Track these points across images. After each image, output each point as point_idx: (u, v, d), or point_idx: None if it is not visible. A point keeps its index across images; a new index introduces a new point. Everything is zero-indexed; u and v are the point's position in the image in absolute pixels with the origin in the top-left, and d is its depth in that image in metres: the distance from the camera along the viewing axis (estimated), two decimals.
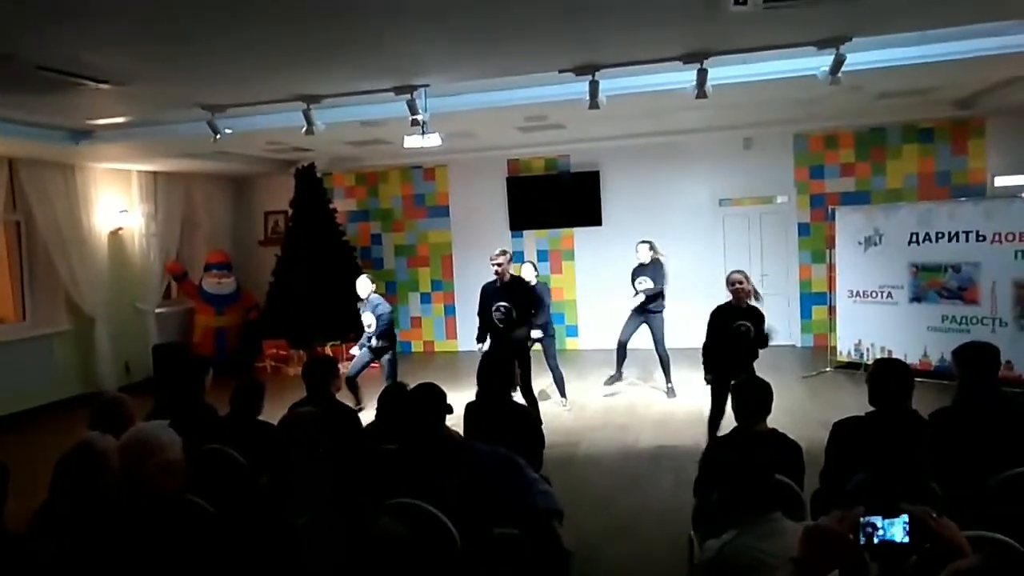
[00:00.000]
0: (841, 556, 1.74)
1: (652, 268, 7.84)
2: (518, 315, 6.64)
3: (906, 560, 1.84)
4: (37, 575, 2.38)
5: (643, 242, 7.98)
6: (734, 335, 5.63)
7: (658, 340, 7.76)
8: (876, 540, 1.74)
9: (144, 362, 9.86)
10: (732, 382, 5.29)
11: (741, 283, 5.71)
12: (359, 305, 7.60)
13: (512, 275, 6.85)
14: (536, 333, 7.14)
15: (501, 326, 6.67)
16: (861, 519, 1.75)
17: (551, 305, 7.86)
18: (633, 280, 7.89)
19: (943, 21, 4.90)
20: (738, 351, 5.62)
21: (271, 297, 10.53)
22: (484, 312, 6.81)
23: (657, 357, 7.87)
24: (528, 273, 7.78)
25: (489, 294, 6.80)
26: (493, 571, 3.15)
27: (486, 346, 6.81)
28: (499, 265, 6.69)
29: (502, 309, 6.65)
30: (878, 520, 1.74)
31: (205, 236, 11.32)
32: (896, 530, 1.75)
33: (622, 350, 7.97)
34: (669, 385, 7.92)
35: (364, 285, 7.56)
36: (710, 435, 5.58)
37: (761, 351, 5.72)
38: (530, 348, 7.02)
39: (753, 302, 5.76)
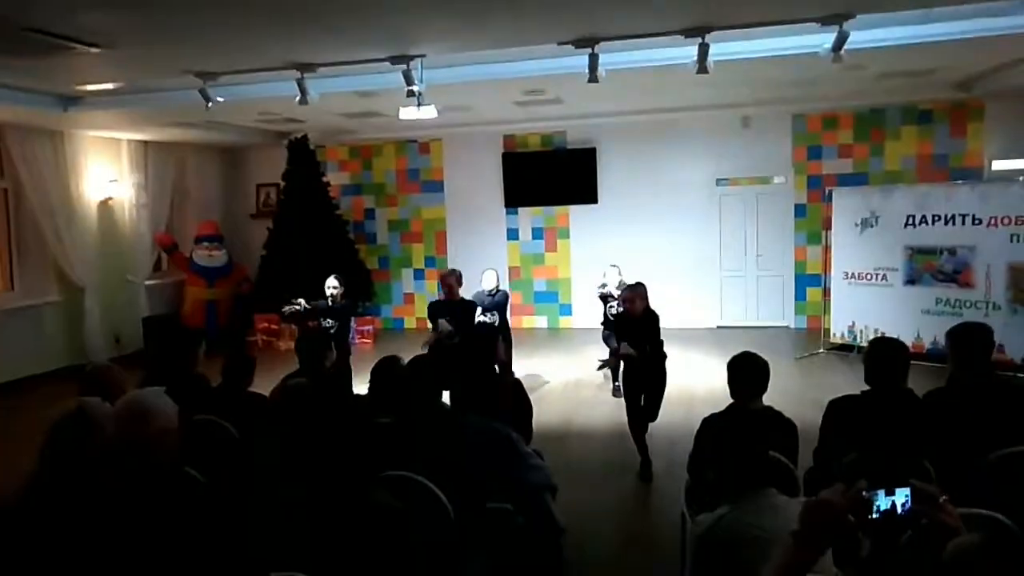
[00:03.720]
0: (841, 530, 1.74)
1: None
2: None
3: (901, 535, 1.83)
4: (28, 546, 2.35)
5: (613, 266, 7.56)
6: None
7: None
8: (876, 513, 1.73)
9: (134, 334, 9.79)
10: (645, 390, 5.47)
11: (630, 301, 5.54)
12: (326, 302, 6.81)
13: (461, 297, 6.80)
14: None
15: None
16: (863, 493, 1.74)
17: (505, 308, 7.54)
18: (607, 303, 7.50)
19: None
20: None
21: (263, 270, 10.46)
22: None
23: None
24: (490, 280, 7.35)
25: (438, 311, 6.75)
26: (486, 545, 3.14)
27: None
28: (450, 287, 6.69)
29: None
30: (879, 494, 1.73)
31: (196, 208, 11.20)
32: (896, 504, 1.74)
33: None
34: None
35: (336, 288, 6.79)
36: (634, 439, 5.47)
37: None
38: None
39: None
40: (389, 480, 2.98)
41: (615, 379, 7.52)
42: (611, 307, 7.40)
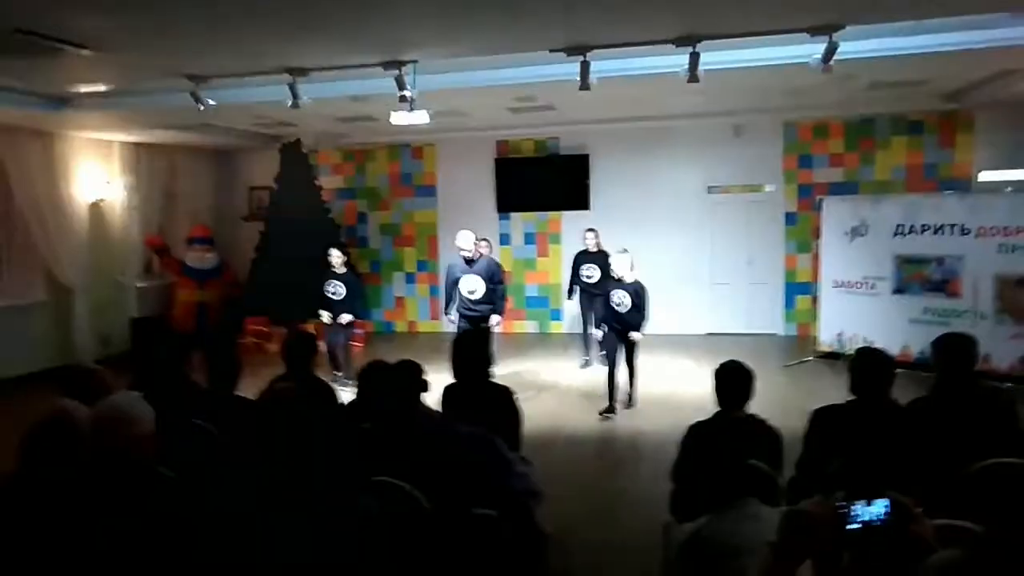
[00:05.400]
0: (819, 541, 1.74)
1: (600, 256, 8.33)
2: (487, 293, 7.24)
3: (880, 546, 1.84)
4: (6, 545, 2.34)
5: (590, 230, 8.65)
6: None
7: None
8: (854, 524, 1.74)
9: (123, 335, 9.75)
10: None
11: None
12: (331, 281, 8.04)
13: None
14: (495, 319, 7.38)
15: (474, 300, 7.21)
16: (840, 503, 1.75)
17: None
18: (580, 267, 8.59)
19: (940, 11, 4.87)
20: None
21: (253, 273, 10.42)
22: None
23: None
24: (484, 250, 7.98)
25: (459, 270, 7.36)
26: (469, 551, 3.14)
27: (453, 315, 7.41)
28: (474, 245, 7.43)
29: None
30: (858, 505, 1.74)
31: (187, 210, 11.15)
32: (874, 515, 1.75)
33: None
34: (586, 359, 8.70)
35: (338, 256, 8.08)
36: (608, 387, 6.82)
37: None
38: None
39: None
40: (372, 485, 2.97)
41: (586, 353, 8.70)
42: (588, 277, 8.48)
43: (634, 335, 6.79)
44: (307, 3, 4.28)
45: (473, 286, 7.24)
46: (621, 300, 6.75)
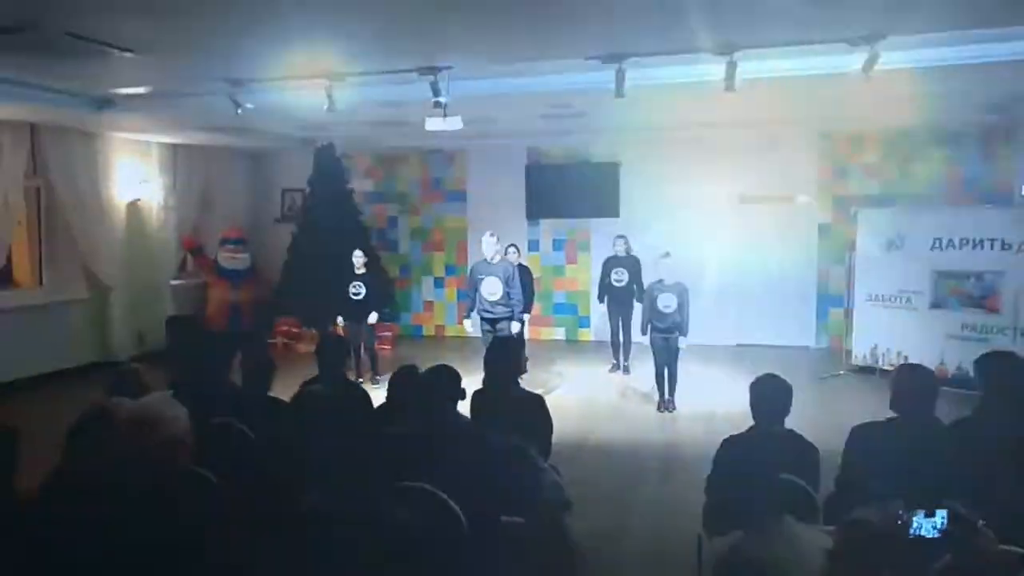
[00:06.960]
0: (880, 552, 1.70)
1: (630, 261, 8.71)
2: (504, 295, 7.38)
3: (936, 558, 1.79)
4: (46, 541, 2.37)
5: (620, 237, 8.91)
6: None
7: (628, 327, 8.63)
8: (911, 535, 1.71)
9: (158, 332, 9.88)
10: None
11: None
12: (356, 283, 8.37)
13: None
14: (515, 327, 7.44)
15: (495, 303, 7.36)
16: (900, 514, 1.71)
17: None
18: (610, 272, 8.76)
19: (984, 21, 4.77)
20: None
21: (285, 275, 10.54)
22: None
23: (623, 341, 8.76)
24: (512, 257, 8.16)
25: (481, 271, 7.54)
26: (499, 559, 3.12)
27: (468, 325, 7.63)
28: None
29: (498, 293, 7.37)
30: (917, 516, 1.71)
31: (222, 210, 11.33)
32: (934, 527, 1.71)
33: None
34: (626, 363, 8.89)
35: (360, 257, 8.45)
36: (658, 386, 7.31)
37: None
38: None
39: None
40: (403, 490, 2.97)
41: (615, 357, 8.98)
42: (618, 281, 8.71)
43: (681, 341, 6.99)
44: (347, 9, 4.31)
45: (492, 288, 7.37)
46: (669, 303, 6.90)
